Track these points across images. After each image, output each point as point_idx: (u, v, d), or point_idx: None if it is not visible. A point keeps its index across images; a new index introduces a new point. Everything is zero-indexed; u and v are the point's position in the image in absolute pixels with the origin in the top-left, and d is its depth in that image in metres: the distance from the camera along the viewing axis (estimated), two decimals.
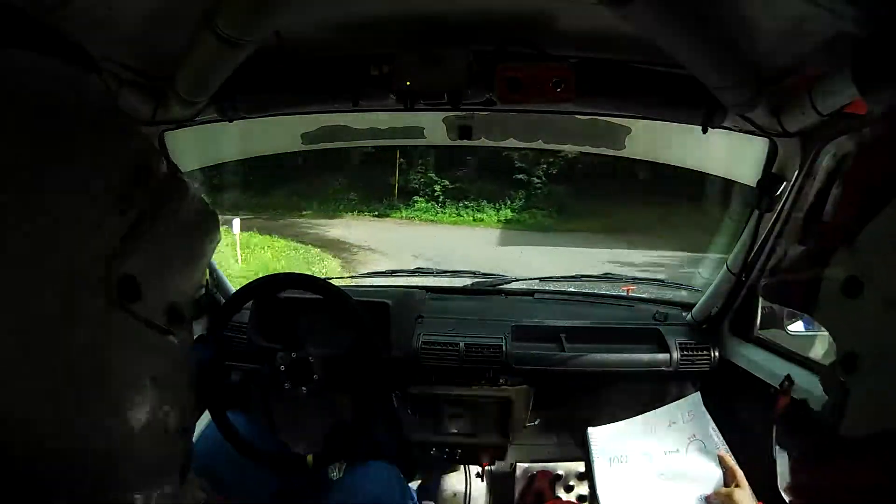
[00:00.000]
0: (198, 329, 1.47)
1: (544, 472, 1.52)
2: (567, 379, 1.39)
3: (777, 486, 0.35)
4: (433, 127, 1.37)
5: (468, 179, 11.36)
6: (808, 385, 1.00)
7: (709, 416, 1.03)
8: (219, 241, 0.42)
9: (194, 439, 1.24)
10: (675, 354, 1.35)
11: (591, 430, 1.05)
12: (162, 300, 0.34)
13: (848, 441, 0.30)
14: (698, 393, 1.08)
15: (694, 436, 1.00)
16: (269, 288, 1.22)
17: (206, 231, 0.40)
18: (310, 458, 1.14)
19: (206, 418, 1.26)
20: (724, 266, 1.29)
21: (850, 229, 0.30)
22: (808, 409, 0.36)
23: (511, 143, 1.50)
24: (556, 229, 9.89)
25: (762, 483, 0.88)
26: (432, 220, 10.95)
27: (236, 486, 1.06)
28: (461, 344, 1.36)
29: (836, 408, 0.31)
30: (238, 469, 1.09)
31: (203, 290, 1.38)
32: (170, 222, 0.35)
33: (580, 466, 1.48)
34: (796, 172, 1.04)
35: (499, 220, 10.91)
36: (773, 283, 0.43)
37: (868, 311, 0.29)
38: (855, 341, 0.31)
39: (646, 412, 1.07)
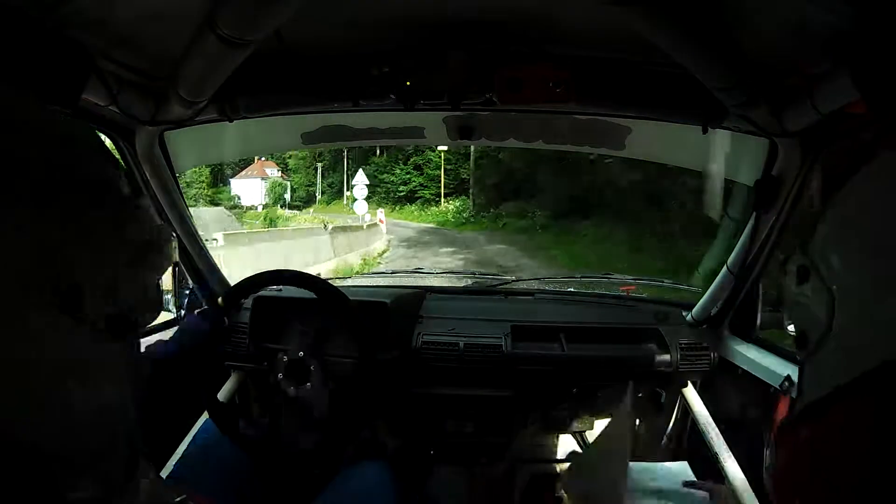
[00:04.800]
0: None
1: (544, 472, 1.52)
2: (567, 379, 1.39)
3: (776, 485, 0.36)
4: (433, 127, 1.37)
5: None
6: None
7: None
8: (167, 256, 0.44)
9: (190, 437, 1.22)
10: (675, 354, 1.35)
11: None
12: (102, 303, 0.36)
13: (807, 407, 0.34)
14: (685, 462, 1.16)
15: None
16: (268, 283, 1.22)
17: (151, 243, 0.42)
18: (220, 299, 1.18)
19: (201, 420, 1.25)
20: (724, 266, 1.29)
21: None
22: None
23: (511, 143, 1.50)
24: None
25: (762, 482, 0.88)
26: None
27: (226, 485, 1.06)
28: (461, 344, 1.36)
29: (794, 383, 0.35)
30: (229, 468, 1.09)
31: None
32: (110, 231, 0.38)
33: None
34: (796, 172, 1.04)
35: None
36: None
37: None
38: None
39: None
